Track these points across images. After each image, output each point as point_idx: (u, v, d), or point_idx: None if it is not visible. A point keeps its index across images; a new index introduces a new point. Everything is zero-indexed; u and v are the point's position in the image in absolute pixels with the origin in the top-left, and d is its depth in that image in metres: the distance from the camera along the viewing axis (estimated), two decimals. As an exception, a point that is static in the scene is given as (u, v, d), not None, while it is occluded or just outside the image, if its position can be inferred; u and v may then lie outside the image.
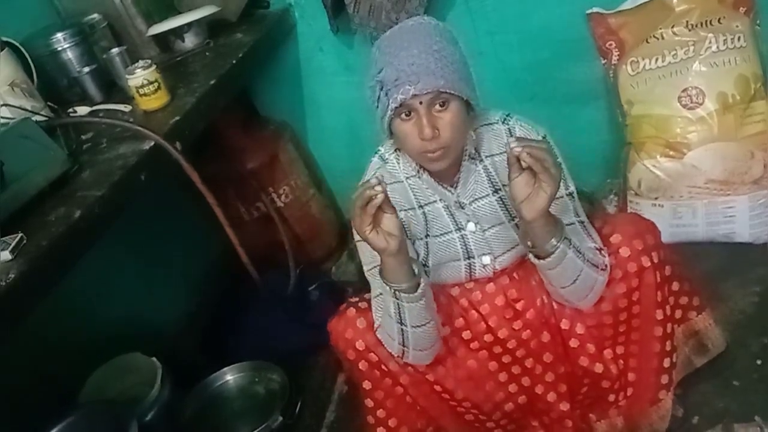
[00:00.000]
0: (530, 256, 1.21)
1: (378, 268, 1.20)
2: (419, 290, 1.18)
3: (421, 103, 1.11)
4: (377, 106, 1.16)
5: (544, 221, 1.13)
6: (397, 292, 1.18)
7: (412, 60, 1.10)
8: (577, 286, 1.24)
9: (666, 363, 1.39)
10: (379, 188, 1.05)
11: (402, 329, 1.24)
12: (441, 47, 1.12)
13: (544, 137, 1.26)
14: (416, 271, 1.19)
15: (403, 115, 1.14)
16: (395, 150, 1.31)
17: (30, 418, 1.50)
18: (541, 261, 1.18)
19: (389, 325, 1.26)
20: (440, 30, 1.16)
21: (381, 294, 1.26)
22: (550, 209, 1.13)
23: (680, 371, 1.48)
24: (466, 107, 1.17)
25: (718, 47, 1.77)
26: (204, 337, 2.10)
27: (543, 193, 1.07)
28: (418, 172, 1.29)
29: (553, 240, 1.15)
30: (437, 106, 1.12)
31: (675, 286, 1.38)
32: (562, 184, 1.24)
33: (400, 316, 1.22)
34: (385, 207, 1.09)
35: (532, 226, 1.14)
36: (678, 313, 1.42)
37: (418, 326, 1.24)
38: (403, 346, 1.28)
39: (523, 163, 1.06)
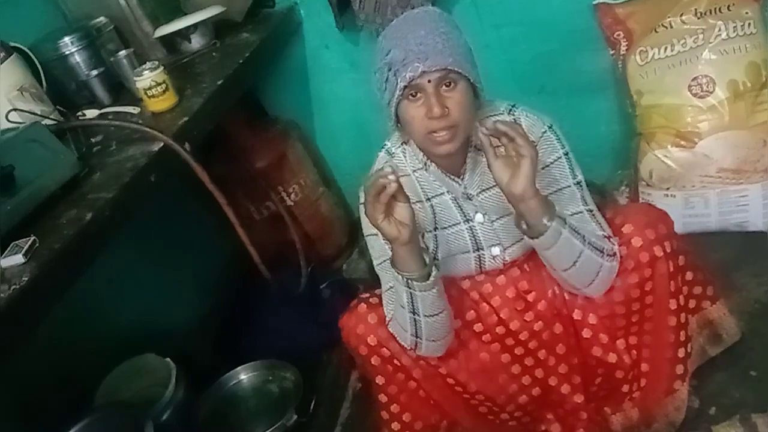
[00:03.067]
0: (525, 238, 1.20)
1: (388, 261, 1.20)
2: (431, 278, 1.18)
3: (429, 81, 1.11)
4: (385, 89, 1.16)
5: (534, 196, 1.12)
6: (409, 281, 1.18)
7: (420, 40, 1.11)
8: (578, 269, 1.23)
9: (680, 353, 1.38)
10: (392, 177, 1.06)
11: (415, 319, 1.24)
12: (447, 30, 1.13)
13: (550, 127, 1.25)
14: (427, 260, 1.19)
15: (410, 96, 1.14)
16: (402, 144, 1.31)
17: (45, 421, 1.50)
18: (536, 240, 1.18)
19: (402, 316, 1.26)
20: (445, 17, 1.17)
21: (392, 287, 1.27)
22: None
23: (695, 361, 1.47)
24: (473, 91, 1.17)
25: (727, 34, 1.75)
26: (217, 337, 2.10)
27: (524, 161, 1.08)
28: (425, 164, 1.28)
29: (544, 219, 1.14)
30: (445, 86, 1.12)
31: (688, 275, 1.37)
32: (569, 173, 1.25)
33: (413, 305, 1.22)
34: (399, 196, 1.09)
35: (524, 203, 1.12)
36: (692, 303, 1.41)
37: (431, 315, 1.24)
38: (416, 337, 1.28)
39: (494, 146, 1.10)
